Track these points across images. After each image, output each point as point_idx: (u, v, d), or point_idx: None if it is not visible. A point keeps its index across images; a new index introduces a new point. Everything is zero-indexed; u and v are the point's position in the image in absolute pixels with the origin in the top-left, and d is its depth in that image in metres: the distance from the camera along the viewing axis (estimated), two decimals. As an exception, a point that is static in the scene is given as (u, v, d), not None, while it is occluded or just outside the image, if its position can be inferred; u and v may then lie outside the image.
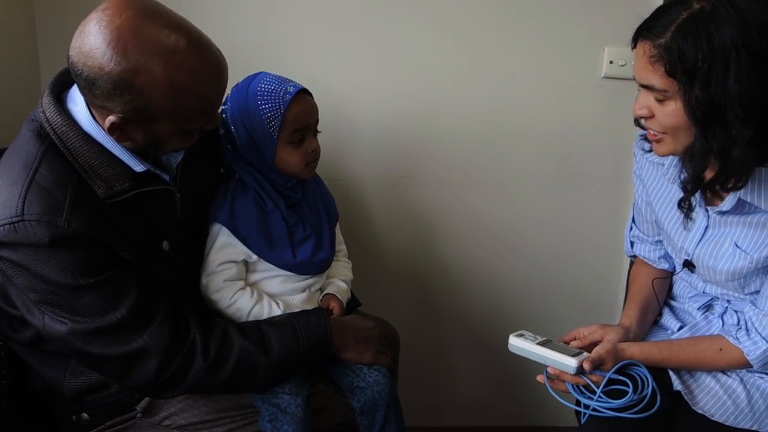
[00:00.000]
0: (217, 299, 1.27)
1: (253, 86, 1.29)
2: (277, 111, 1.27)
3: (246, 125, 1.28)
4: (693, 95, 1.05)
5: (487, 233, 1.89)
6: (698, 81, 1.04)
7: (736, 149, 1.06)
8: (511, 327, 1.30)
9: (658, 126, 1.14)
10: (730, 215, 1.20)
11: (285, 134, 1.28)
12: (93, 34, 0.99)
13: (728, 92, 1.03)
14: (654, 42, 1.08)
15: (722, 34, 1.02)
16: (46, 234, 1.02)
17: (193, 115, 1.08)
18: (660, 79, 1.08)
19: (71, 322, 1.07)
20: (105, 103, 1.03)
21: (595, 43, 1.74)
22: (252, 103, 1.27)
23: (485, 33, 1.73)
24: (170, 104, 1.03)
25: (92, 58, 0.99)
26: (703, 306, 1.33)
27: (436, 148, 1.80)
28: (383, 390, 1.33)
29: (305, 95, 1.32)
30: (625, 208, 1.86)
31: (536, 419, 2.06)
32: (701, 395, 1.23)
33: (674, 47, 1.05)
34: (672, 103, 1.10)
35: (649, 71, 1.09)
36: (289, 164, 1.31)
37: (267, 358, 1.19)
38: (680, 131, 1.12)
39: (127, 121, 1.05)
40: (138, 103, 1.02)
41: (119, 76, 0.99)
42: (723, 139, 1.06)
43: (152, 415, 1.27)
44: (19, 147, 1.09)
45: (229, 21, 1.67)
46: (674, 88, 1.08)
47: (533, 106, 1.79)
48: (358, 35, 1.71)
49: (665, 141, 1.16)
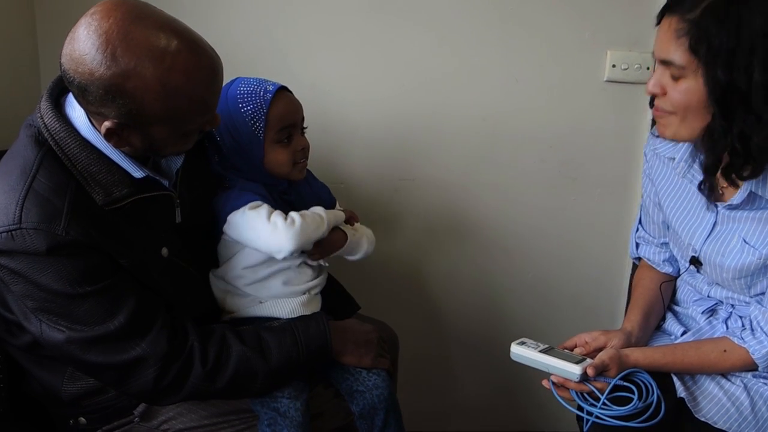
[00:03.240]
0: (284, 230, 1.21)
1: (231, 91, 1.28)
2: (260, 111, 1.26)
3: (230, 131, 1.27)
4: (713, 75, 1.06)
5: (488, 237, 1.88)
6: (720, 62, 1.05)
7: (756, 134, 1.07)
8: (513, 331, 1.30)
9: (669, 105, 1.15)
10: (739, 210, 1.20)
11: (271, 134, 1.27)
12: (82, 39, 0.98)
13: (752, 79, 1.03)
14: (683, 16, 1.08)
15: (753, 20, 1.03)
16: (44, 242, 1.01)
17: (188, 117, 1.06)
18: (682, 54, 1.09)
19: (69, 330, 1.06)
20: (99, 109, 1.02)
21: (597, 46, 1.74)
22: (233, 107, 1.26)
23: (487, 36, 1.73)
24: (164, 107, 1.02)
25: (82, 65, 0.98)
26: (707, 310, 1.33)
27: (437, 151, 1.79)
28: (382, 394, 1.33)
29: (286, 92, 1.31)
30: (627, 212, 1.85)
31: (537, 425, 2.06)
32: (704, 402, 1.22)
33: (703, 24, 1.06)
34: (687, 81, 1.10)
35: (672, 45, 1.10)
36: (278, 164, 1.30)
37: (266, 363, 1.19)
38: (690, 112, 1.12)
39: (122, 126, 1.03)
40: (131, 108, 1.01)
41: (110, 81, 0.98)
42: (744, 123, 1.07)
43: (150, 419, 1.26)
44: (17, 153, 1.08)
45: (230, 25, 1.66)
46: (693, 66, 1.08)
47: (535, 109, 1.78)
48: (359, 39, 1.71)
49: (671, 122, 1.16)
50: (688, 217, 1.29)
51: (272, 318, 1.30)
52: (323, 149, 1.35)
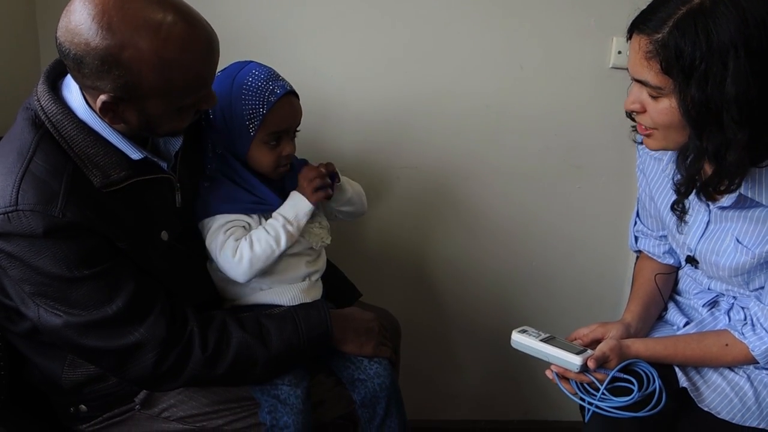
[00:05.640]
0: (237, 261, 1.25)
1: (240, 77, 1.26)
2: (259, 110, 1.25)
3: (225, 115, 1.26)
4: (689, 95, 1.03)
5: (491, 225, 1.87)
6: (695, 80, 1.01)
7: (731, 152, 1.04)
8: (515, 320, 1.29)
9: (650, 121, 1.12)
10: (731, 210, 1.18)
11: (262, 134, 1.27)
12: (78, 11, 0.98)
13: (725, 93, 1.00)
14: (650, 37, 1.04)
15: (722, 33, 0.99)
16: (41, 224, 1.00)
17: (184, 91, 1.06)
18: (655, 76, 1.06)
19: (66, 314, 1.06)
20: (95, 82, 1.01)
21: (602, 33, 1.72)
22: (236, 94, 1.25)
23: (491, 23, 1.71)
24: (160, 79, 1.01)
25: (78, 35, 0.98)
26: (709, 302, 1.32)
27: (440, 139, 1.78)
28: (384, 382, 1.33)
29: (291, 97, 1.30)
30: (632, 200, 1.82)
31: (540, 413, 2.05)
32: (707, 392, 1.22)
33: (671, 44, 1.02)
34: (666, 100, 1.07)
35: (644, 67, 1.07)
36: (260, 164, 1.30)
37: (266, 350, 1.18)
38: (672, 129, 1.10)
39: (118, 100, 1.03)
40: (127, 80, 1.00)
41: (106, 51, 0.98)
42: (718, 141, 1.04)
43: (151, 406, 1.26)
44: (14, 136, 1.08)
45: (235, 8, 1.65)
46: (669, 86, 1.05)
47: (540, 96, 1.77)
48: (362, 25, 1.69)
49: (656, 136, 1.14)
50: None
51: (274, 305, 1.30)
52: (325, 135, 1.34)
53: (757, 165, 1.09)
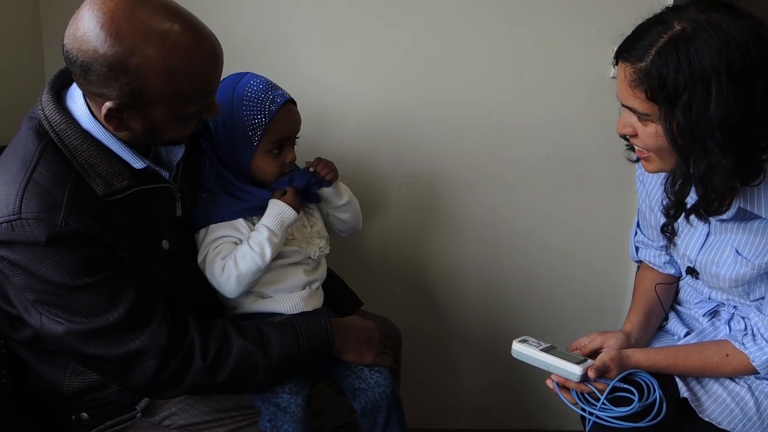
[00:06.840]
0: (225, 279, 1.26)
1: (239, 88, 1.28)
2: (261, 121, 1.26)
3: (227, 127, 1.28)
4: (674, 122, 1.03)
5: (493, 234, 1.87)
6: (679, 107, 1.02)
7: (717, 177, 1.05)
8: (517, 329, 1.29)
9: (643, 145, 1.13)
10: (731, 222, 1.19)
11: (265, 143, 1.28)
12: (86, 18, 1.00)
13: (709, 119, 1.00)
14: (634, 66, 1.05)
15: (703, 59, 1.00)
16: (44, 233, 1.01)
17: (189, 99, 1.07)
18: (641, 103, 1.07)
19: (68, 322, 1.06)
20: (101, 89, 1.02)
21: (603, 42, 1.72)
22: (237, 106, 1.26)
23: (492, 32, 1.71)
24: (166, 86, 1.02)
25: (86, 42, 0.99)
26: (710, 312, 1.32)
27: (441, 148, 1.78)
28: (385, 391, 1.32)
29: (291, 105, 1.31)
30: (633, 210, 1.81)
31: (540, 423, 2.05)
32: (708, 402, 1.21)
33: (654, 72, 1.03)
34: (654, 125, 1.08)
35: (630, 95, 1.08)
36: (263, 173, 1.31)
37: (267, 358, 1.18)
38: (665, 152, 1.11)
39: (123, 107, 1.04)
40: (134, 86, 1.01)
41: (114, 59, 0.99)
42: (704, 167, 1.05)
43: (152, 415, 1.26)
44: (18, 145, 1.09)
45: (237, 18, 1.66)
46: (656, 112, 1.06)
47: (541, 106, 1.77)
48: (363, 34, 1.70)
49: (652, 159, 1.15)
50: (681, 226, 1.27)
51: (275, 314, 1.30)
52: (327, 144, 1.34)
53: (749, 185, 1.09)
